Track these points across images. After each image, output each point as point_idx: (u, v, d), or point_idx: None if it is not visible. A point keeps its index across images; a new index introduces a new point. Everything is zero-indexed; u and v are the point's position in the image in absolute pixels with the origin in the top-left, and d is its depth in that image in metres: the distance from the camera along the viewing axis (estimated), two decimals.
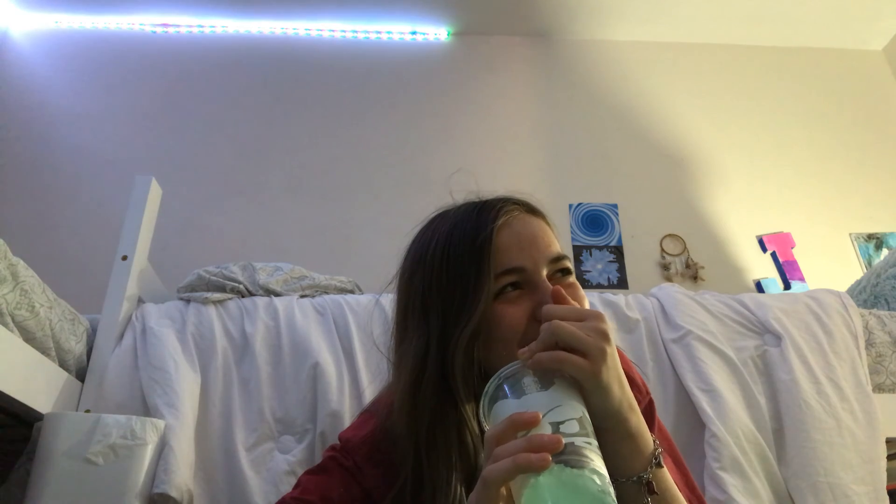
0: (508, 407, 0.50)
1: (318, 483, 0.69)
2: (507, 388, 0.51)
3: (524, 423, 0.46)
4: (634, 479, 0.54)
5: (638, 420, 0.55)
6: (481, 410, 0.52)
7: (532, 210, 0.71)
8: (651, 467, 0.54)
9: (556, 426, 0.46)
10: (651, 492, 0.54)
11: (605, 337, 0.52)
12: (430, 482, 0.61)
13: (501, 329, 0.61)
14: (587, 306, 0.66)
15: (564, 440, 0.45)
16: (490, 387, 0.52)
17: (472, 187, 0.74)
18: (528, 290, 0.63)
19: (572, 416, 0.47)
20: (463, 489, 0.60)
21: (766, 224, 2.72)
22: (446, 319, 0.63)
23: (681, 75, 3.10)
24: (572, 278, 0.67)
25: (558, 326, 0.52)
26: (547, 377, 0.51)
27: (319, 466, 0.71)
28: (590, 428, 0.48)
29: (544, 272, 0.64)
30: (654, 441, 0.56)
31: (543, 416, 0.47)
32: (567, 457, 0.44)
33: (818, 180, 2.84)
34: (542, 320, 0.54)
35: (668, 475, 0.57)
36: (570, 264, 0.68)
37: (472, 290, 0.62)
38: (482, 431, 0.63)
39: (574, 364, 0.50)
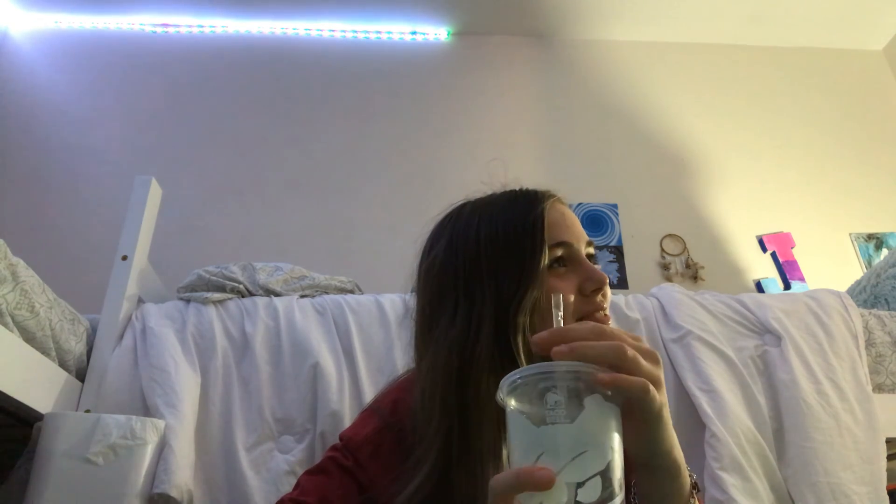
0: (525, 432, 0.41)
1: (317, 484, 0.68)
2: (527, 395, 0.42)
3: (535, 486, 0.38)
4: None
5: (681, 455, 0.50)
6: (500, 393, 0.43)
7: (563, 203, 0.76)
8: (693, 499, 0.52)
9: (573, 489, 0.38)
10: None
11: (659, 364, 0.46)
12: (465, 456, 0.60)
13: (548, 301, 0.64)
14: (609, 291, 0.70)
15: None
16: (510, 379, 0.42)
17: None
18: (572, 268, 0.68)
19: (596, 471, 0.39)
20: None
21: (766, 224, 2.72)
22: (500, 292, 0.66)
23: (681, 75, 3.10)
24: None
25: (625, 350, 0.43)
26: (577, 399, 0.41)
27: (318, 467, 0.71)
28: (618, 475, 0.40)
29: (584, 251, 0.70)
30: (689, 472, 0.53)
31: (560, 472, 0.38)
32: None
33: (818, 180, 2.84)
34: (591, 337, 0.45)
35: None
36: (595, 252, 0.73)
37: (528, 260, 0.66)
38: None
39: (652, 397, 0.43)
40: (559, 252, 0.68)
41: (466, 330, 0.66)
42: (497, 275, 0.67)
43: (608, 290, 0.69)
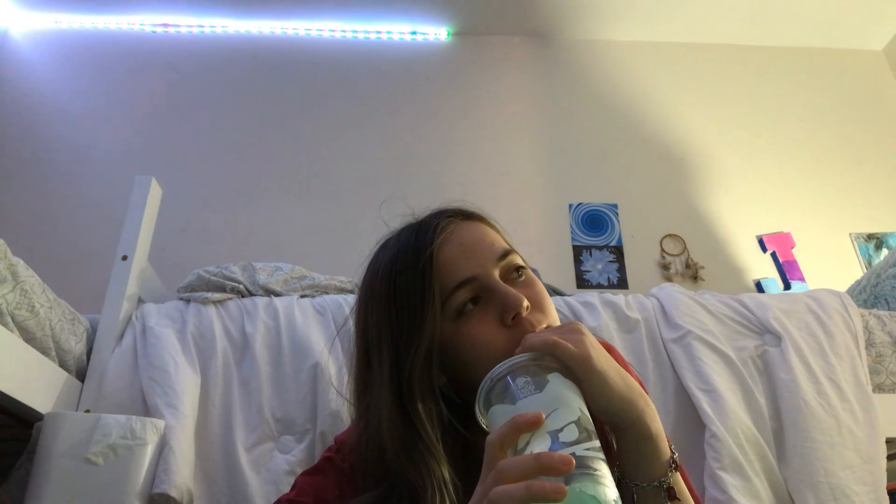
0: (505, 412, 0.48)
1: (314, 484, 0.68)
2: (501, 390, 0.50)
3: (526, 425, 0.44)
4: (656, 483, 0.53)
5: (655, 418, 0.53)
6: (477, 409, 0.52)
7: (469, 216, 0.69)
8: (671, 471, 0.53)
9: (554, 435, 0.44)
10: (672, 497, 0.53)
11: (583, 333, 0.53)
12: None
13: (478, 349, 0.59)
14: (547, 301, 0.64)
15: (566, 451, 0.43)
16: (483, 388, 0.51)
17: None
18: (488, 300, 0.61)
19: (570, 420, 0.46)
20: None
21: (766, 224, 2.72)
22: (398, 349, 0.61)
23: (681, 75, 3.10)
24: (526, 275, 0.65)
25: (530, 337, 0.53)
26: (540, 376, 0.49)
27: (315, 467, 0.71)
28: (590, 428, 0.46)
29: (496, 273, 0.62)
30: (669, 443, 0.55)
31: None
32: (574, 471, 0.42)
33: (818, 180, 2.84)
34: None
35: (680, 478, 0.56)
36: (519, 259, 0.65)
37: (419, 315, 0.60)
38: (467, 445, 0.61)
39: (564, 348, 0.50)
40: (465, 293, 0.61)
41: (386, 395, 0.61)
42: (395, 333, 0.62)
43: (545, 304, 0.63)
